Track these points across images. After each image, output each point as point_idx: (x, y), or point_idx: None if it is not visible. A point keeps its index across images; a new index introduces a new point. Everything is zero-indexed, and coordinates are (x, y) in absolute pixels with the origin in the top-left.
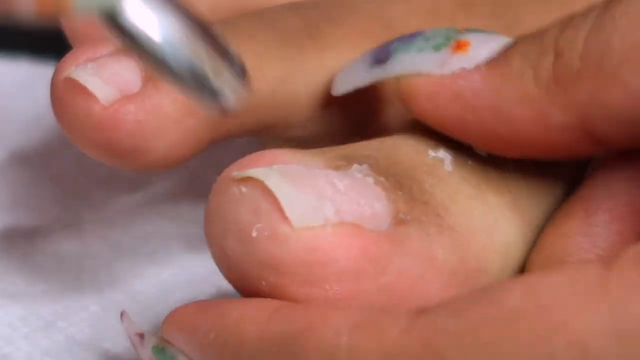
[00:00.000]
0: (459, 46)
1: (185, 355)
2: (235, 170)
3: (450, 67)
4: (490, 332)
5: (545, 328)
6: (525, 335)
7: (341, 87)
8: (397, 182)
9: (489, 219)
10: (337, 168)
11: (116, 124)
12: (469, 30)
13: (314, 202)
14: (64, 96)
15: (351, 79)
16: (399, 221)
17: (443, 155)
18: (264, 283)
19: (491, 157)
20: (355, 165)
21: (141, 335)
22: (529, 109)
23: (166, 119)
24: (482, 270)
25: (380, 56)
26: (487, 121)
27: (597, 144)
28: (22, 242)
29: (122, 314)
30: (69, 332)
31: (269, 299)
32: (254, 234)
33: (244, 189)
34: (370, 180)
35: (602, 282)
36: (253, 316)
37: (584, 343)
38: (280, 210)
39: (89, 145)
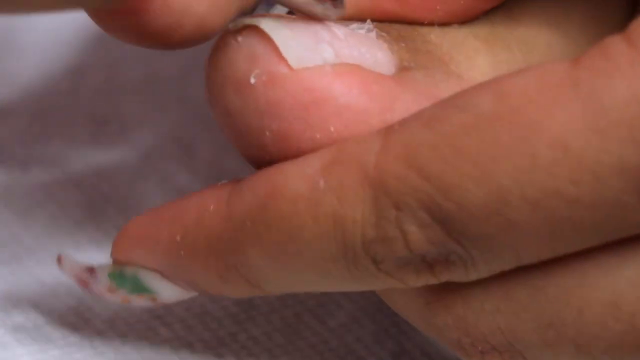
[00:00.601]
0: None
1: (148, 269)
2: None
3: None
4: (469, 140)
5: (523, 129)
6: (505, 138)
7: None
8: (400, 34)
9: (497, 72)
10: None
11: (143, 7)
12: None
13: (312, 44)
14: None
15: None
16: (403, 68)
17: None
18: (267, 134)
19: (500, 14)
20: (356, 24)
21: (91, 270)
22: None
23: None
24: None
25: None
26: None
27: None
28: None
29: (58, 258)
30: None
31: (222, 184)
32: (252, 80)
33: (240, 39)
34: (372, 33)
35: (571, 78)
36: (212, 204)
37: (564, 142)
38: (276, 52)
39: (120, 32)
